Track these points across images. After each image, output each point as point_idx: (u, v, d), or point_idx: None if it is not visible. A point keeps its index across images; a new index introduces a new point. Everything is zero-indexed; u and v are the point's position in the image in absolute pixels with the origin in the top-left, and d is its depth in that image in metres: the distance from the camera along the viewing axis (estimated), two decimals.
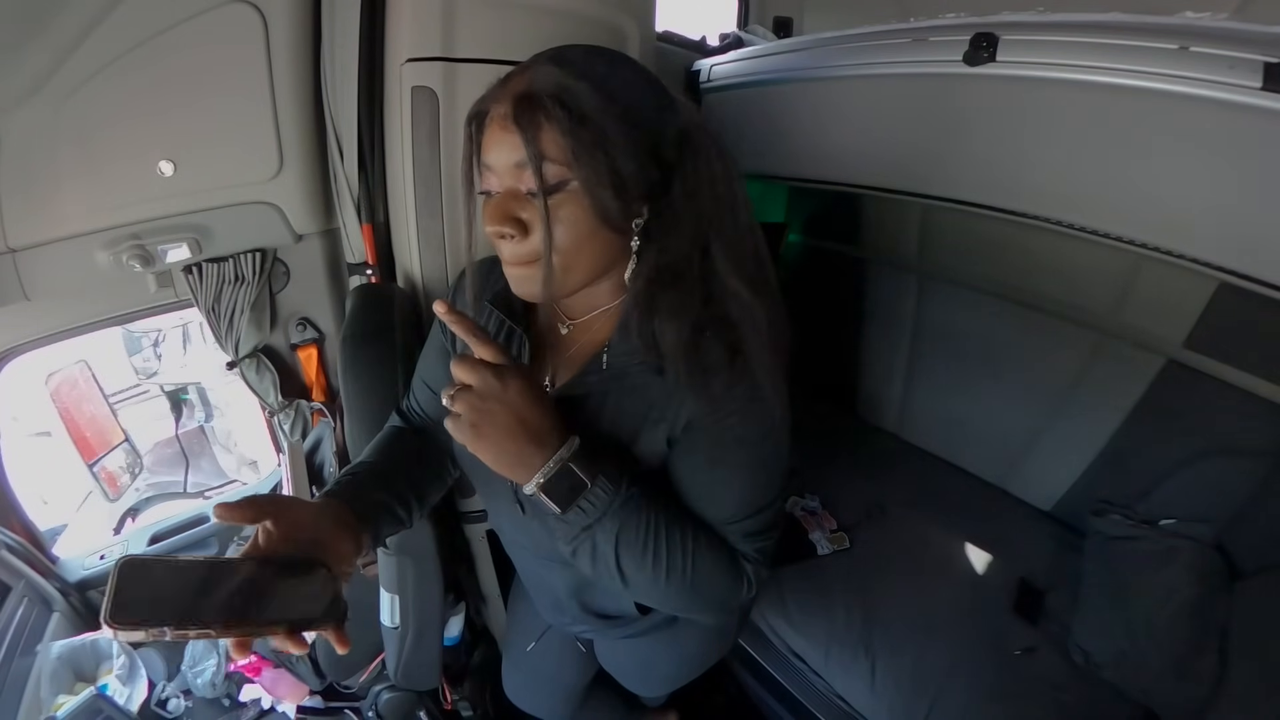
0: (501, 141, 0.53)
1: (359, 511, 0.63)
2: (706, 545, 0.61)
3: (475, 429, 0.53)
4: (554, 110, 0.50)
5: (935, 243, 1.90)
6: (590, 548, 0.58)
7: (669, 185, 0.57)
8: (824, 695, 1.42)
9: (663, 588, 0.60)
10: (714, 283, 0.58)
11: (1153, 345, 1.53)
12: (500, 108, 0.53)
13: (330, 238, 1.27)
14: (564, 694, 1.16)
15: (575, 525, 0.57)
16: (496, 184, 0.56)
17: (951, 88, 0.96)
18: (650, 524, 0.57)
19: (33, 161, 0.92)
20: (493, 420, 0.52)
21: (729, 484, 0.61)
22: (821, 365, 2.31)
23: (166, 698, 1.24)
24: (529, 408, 0.53)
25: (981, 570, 1.65)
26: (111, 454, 2.06)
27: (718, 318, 0.57)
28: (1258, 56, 0.68)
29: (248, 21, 0.97)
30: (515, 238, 0.55)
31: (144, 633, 0.42)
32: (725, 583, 0.62)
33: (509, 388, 0.52)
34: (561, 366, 0.67)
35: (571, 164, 0.51)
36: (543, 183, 0.51)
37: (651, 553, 0.58)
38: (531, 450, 0.54)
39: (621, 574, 0.59)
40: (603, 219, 0.54)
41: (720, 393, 0.56)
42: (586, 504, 0.56)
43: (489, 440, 0.53)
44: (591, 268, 0.58)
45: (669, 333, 0.56)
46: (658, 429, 0.60)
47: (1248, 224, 0.78)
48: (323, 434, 1.32)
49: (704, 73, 1.43)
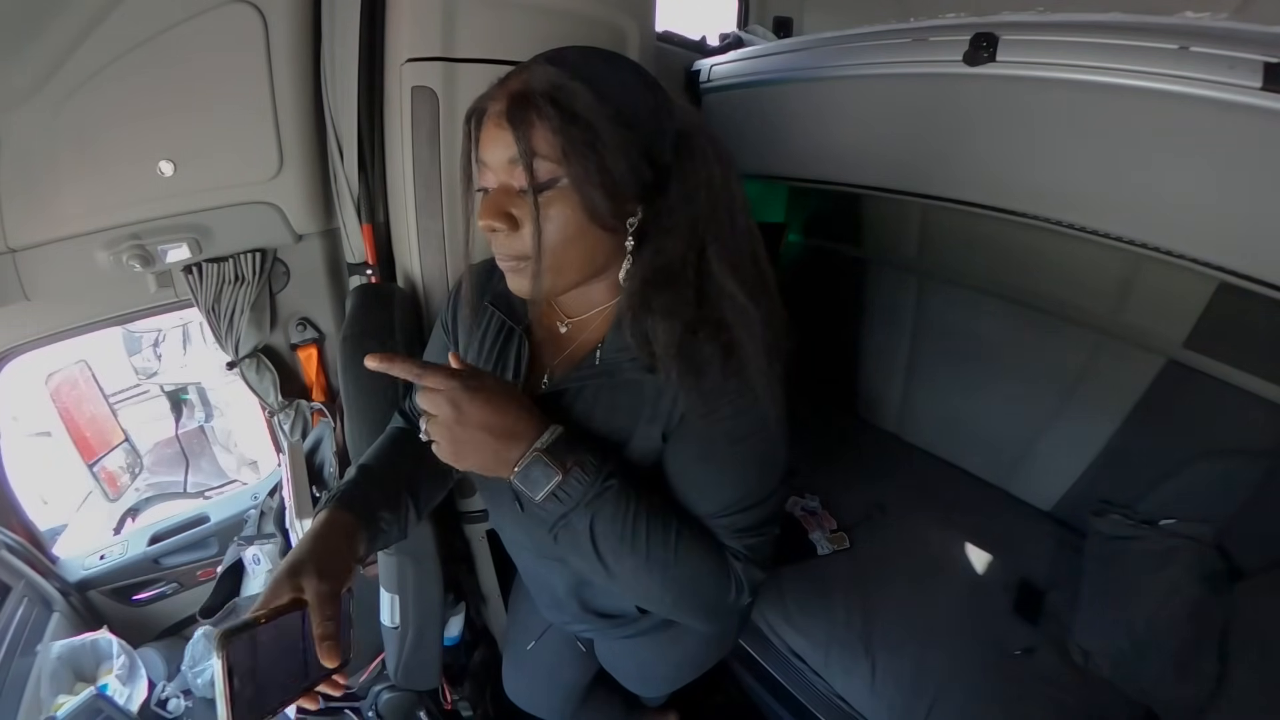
0: (496, 139, 0.54)
1: (364, 521, 0.64)
2: (691, 539, 0.60)
3: (451, 448, 0.57)
4: (546, 109, 0.52)
5: (935, 243, 1.90)
6: (570, 536, 0.60)
7: (665, 186, 0.57)
8: (824, 695, 1.42)
9: (645, 579, 0.60)
10: (709, 284, 0.58)
11: (1153, 345, 1.53)
12: (497, 105, 0.54)
13: (330, 238, 1.27)
14: (564, 693, 1.16)
15: (552, 513, 0.58)
16: (492, 180, 0.56)
17: (951, 88, 0.96)
18: (629, 513, 0.58)
19: (33, 161, 0.92)
20: (462, 437, 0.56)
21: (718, 479, 0.61)
22: (821, 365, 2.31)
23: (166, 698, 1.24)
24: (493, 414, 0.56)
25: (981, 570, 1.65)
26: (111, 454, 2.06)
27: (711, 319, 0.57)
28: (1258, 56, 0.68)
29: (248, 21, 0.97)
30: (506, 232, 0.55)
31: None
32: (711, 580, 0.62)
33: (466, 404, 0.55)
34: (559, 364, 0.68)
35: (562, 162, 0.52)
36: (533, 179, 0.52)
37: (629, 542, 0.58)
38: (506, 448, 0.57)
39: (603, 562, 0.60)
40: (592, 217, 0.55)
41: (712, 390, 0.57)
42: (562, 493, 0.57)
43: (466, 453, 0.57)
44: (583, 266, 0.59)
45: (661, 332, 0.56)
46: (652, 426, 0.61)
47: (1248, 224, 0.78)
48: (323, 434, 1.32)
49: (704, 73, 1.43)
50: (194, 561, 1.42)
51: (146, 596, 1.39)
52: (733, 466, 0.61)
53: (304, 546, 0.58)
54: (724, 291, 0.58)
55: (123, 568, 1.35)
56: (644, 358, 0.58)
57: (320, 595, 0.53)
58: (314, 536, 0.59)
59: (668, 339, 0.56)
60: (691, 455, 0.61)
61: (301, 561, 0.56)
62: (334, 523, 0.62)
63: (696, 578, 0.61)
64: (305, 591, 0.53)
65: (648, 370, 0.59)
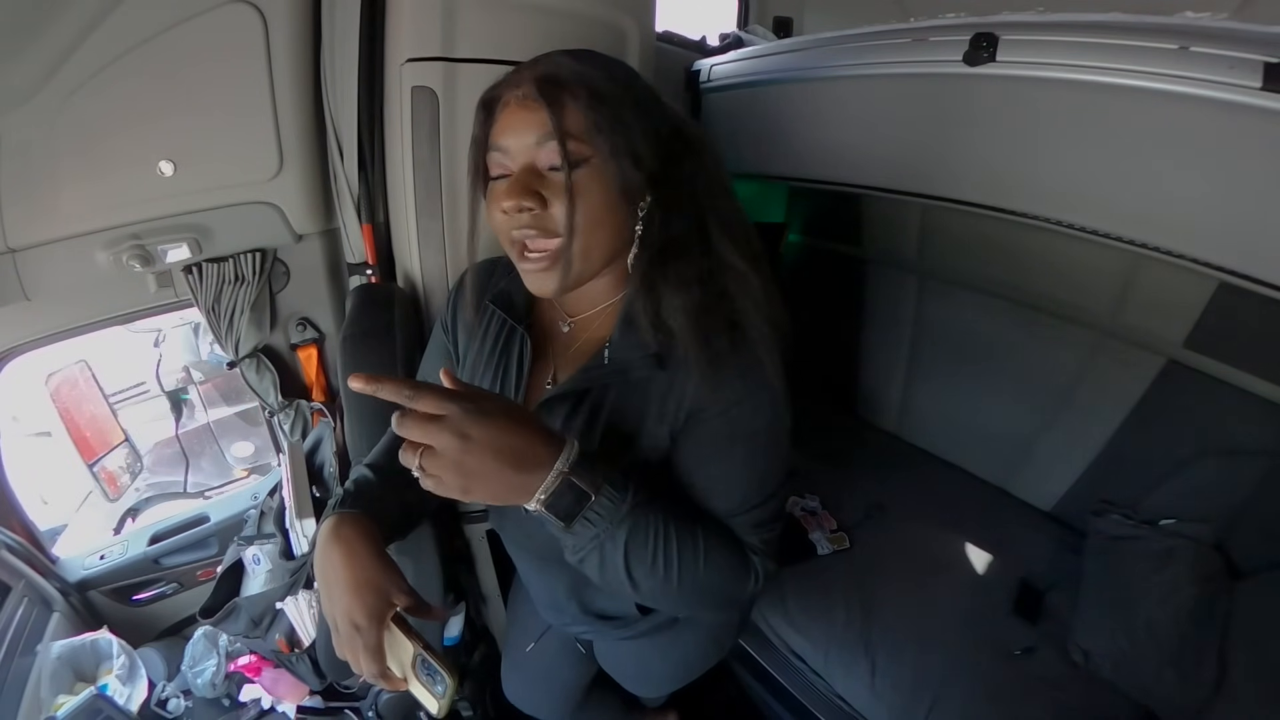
0: (521, 120, 0.55)
1: (377, 520, 0.63)
2: (716, 543, 0.60)
3: (460, 481, 0.49)
4: (577, 88, 0.54)
5: (935, 243, 1.90)
6: (598, 559, 0.56)
7: (669, 171, 0.59)
8: (824, 695, 1.42)
9: (675, 590, 0.59)
10: (712, 259, 0.60)
11: (1153, 345, 1.53)
12: (518, 90, 0.55)
13: (330, 238, 1.27)
14: (563, 694, 1.16)
15: (584, 538, 0.54)
16: (511, 165, 0.57)
17: (951, 88, 0.96)
18: (659, 528, 0.56)
19: (33, 161, 0.92)
20: (472, 468, 0.48)
21: (737, 473, 0.61)
22: (821, 365, 2.31)
23: (166, 698, 1.24)
24: (506, 436, 0.49)
25: (981, 570, 1.65)
26: (111, 454, 2.06)
27: (717, 291, 0.59)
28: (1258, 56, 0.68)
29: (248, 22, 0.97)
30: (534, 212, 0.55)
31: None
32: (735, 579, 0.62)
33: (473, 428, 0.48)
34: (563, 364, 0.68)
35: (593, 139, 0.54)
36: (568, 155, 0.53)
37: (663, 557, 0.56)
38: (525, 474, 0.51)
39: (632, 581, 0.57)
40: (621, 192, 0.56)
41: (726, 368, 0.57)
42: (593, 514, 0.53)
43: (476, 486, 0.49)
44: (606, 250, 0.59)
45: (676, 303, 0.57)
46: (660, 426, 0.61)
47: (1248, 224, 0.78)
48: (323, 434, 1.32)
49: (704, 73, 1.43)
50: (194, 561, 1.42)
51: (146, 596, 1.39)
52: (749, 463, 0.61)
53: (353, 570, 0.58)
54: (726, 264, 0.60)
55: (123, 568, 1.35)
56: (655, 342, 0.58)
57: (410, 607, 0.58)
58: (349, 555, 0.59)
59: (682, 307, 0.57)
60: (707, 454, 0.61)
61: (369, 583, 0.57)
62: (358, 526, 0.61)
63: (722, 580, 0.61)
64: (398, 605, 0.57)
65: (658, 365, 0.59)
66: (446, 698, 0.54)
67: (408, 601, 0.58)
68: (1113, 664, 1.33)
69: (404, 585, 0.58)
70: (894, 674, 1.36)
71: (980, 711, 1.30)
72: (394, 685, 0.56)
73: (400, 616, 0.58)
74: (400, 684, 0.56)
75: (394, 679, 0.56)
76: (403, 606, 0.58)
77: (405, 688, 0.56)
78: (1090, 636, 1.39)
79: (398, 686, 0.56)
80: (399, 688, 0.56)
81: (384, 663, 0.56)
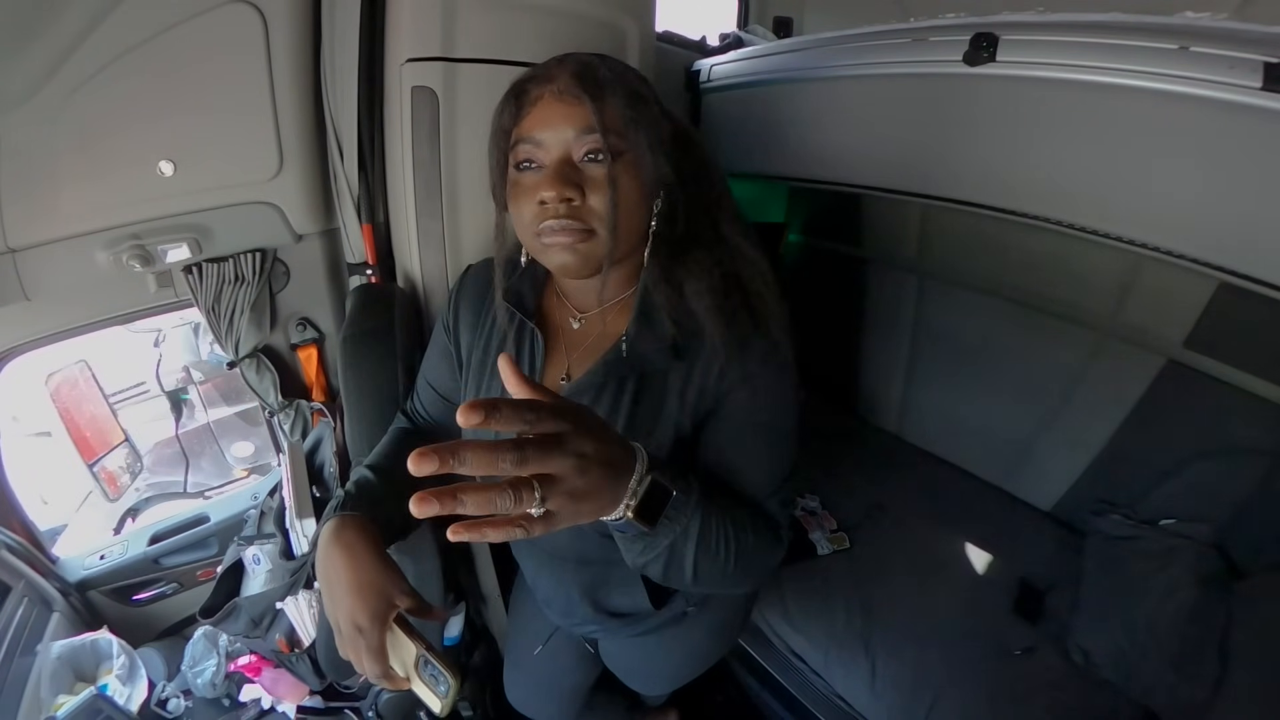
0: (559, 113, 0.56)
1: (377, 521, 0.64)
2: (753, 520, 0.62)
3: (573, 508, 0.41)
4: (616, 85, 0.57)
5: (935, 243, 1.90)
6: (667, 556, 0.55)
7: (679, 168, 0.62)
8: (824, 695, 1.42)
9: (731, 572, 0.60)
10: (723, 247, 0.64)
11: (1153, 345, 1.53)
12: (555, 85, 0.56)
13: (330, 238, 1.27)
14: (569, 697, 1.15)
15: (664, 537, 0.53)
16: (544, 157, 0.57)
17: (951, 88, 0.96)
18: (718, 516, 0.57)
19: (33, 161, 0.92)
20: (583, 490, 0.41)
21: (767, 452, 0.64)
22: (821, 365, 2.31)
23: (166, 698, 1.24)
24: (606, 445, 0.43)
25: (981, 570, 1.65)
26: (111, 454, 2.06)
27: (734, 275, 0.62)
28: (1258, 56, 0.68)
29: (248, 21, 0.97)
30: (574, 202, 0.56)
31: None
32: (772, 551, 0.64)
33: (586, 443, 0.41)
34: (577, 360, 0.68)
35: (629, 133, 0.56)
36: (610, 147, 0.55)
37: (723, 543, 0.57)
38: (620, 482, 0.46)
39: (696, 571, 0.57)
40: (650, 185, 0.59)
41: (750, 349, 0.60)
42: (674, 511, 0.51)
43: (586, 508, 0.43)
44: (632, 241, 0.61)
45: (699, 288, 0.60)
46: (681, 414, 0.62)
47: (1248, 224, 0.78)
48: (323, 434, 1.32)
49: (704, 73, 1.43)
50: (194, 561, 1.41)
51: (146, 596, 1.39)
52: (777, 440, 0.64)
53: (355, 573, 0.58)
54: (735, 248, 0.64)
55: (123, 568, 1.35)
56: (673, 334, 0.60)
57: (412, 608, 0.59)
58: (350, 558, 0.59)
59: (709, 289, 0.60)
60: (736, 434, 0.63)
61: (369, 585, 0.58)
62: (360, 528, 0.61)
63: (763, 556, 0.63)
64: (400, 607, 0.58)
65: (675, 356, 0.61)
66: (449, 697, 0.54)
67: (409, 603, 0.58)
68: (1113, 664, 1.33)
69: (405, 586, 0.59)
70: (894, 674, 1.36)
71: (980, 711, 1.30)
72: (397, 685, 0.57)
73: (402, 617, 0.58)
74: (403, 684, 0.57)
75: (397, 679, 0.57)
76: (405, 608, 0.58)
77: (408, 688, 0.57)
78: (1090, 636, 1.39)
79: (401, 687, 0.57)
80: (402, 688, 0.57)
81: (387, 663, 0.57)
